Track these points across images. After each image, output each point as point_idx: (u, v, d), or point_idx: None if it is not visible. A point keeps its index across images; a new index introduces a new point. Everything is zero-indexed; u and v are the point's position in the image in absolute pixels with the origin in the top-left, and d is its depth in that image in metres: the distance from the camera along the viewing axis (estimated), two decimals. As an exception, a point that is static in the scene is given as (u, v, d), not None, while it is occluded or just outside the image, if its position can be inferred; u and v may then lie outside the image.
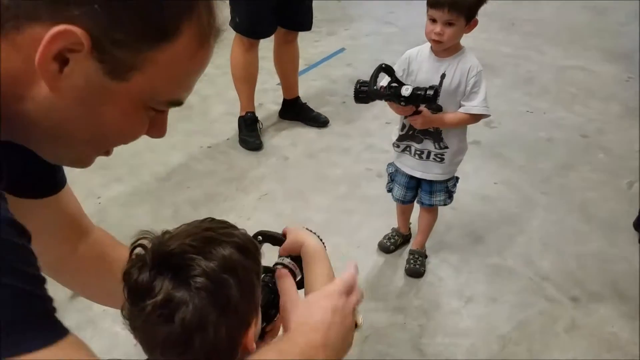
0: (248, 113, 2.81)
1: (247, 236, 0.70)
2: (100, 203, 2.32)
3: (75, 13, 0.49)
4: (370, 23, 4.54)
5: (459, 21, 1.58)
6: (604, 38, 4.35)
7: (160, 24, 0.53)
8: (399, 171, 1.91)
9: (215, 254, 0.63)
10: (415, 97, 1.55)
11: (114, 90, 0.55)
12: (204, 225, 0.68)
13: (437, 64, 1.68)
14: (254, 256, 0.68)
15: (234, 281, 0.62)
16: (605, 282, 2.01)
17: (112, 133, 0.61)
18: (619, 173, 2.65)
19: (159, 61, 0.55)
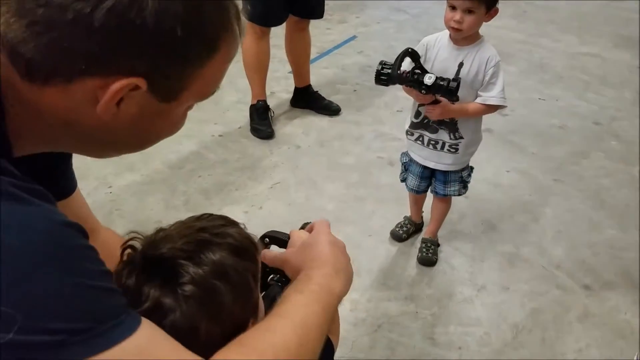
0: (260, 101, 2.81)
1: (244, 235, 0.68)
2: (112, 192, 2.33)
3: (130, 65, 0.53)
4: (381, 10, 4.51)
5: (479, 9, 1.56)
6: (617, 25, 4.29)
7: (204, 50, 0.57)
8: (412, 161, 1.90)
9: (205, 259, 0.61)
10: (438, 87, 1.54)
11: (165, 109, 0.59)
12: (197, 225, 0.66)
13: (456, 52, 1.66)
14: (251, 256, 0.67)
15: (226, 287, 0.61)
16: (618, 270, 2.01)
17: (161, 137, 0.66)
18: (632, 160, 2.64)
19: (203, 76, 0.59)
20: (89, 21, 0.49)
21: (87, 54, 0.51)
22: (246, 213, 2.24)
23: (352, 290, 2.02)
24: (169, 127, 0.65)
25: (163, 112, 0.60)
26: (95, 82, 0.52)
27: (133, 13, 0.50)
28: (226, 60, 0.61)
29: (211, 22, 0.56)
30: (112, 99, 0.53)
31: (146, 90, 0.55)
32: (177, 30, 0.53)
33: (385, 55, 1.64)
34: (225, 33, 0.58)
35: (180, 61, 0.56)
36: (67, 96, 0.54)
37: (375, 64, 1.64)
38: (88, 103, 0.54)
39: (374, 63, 3.75)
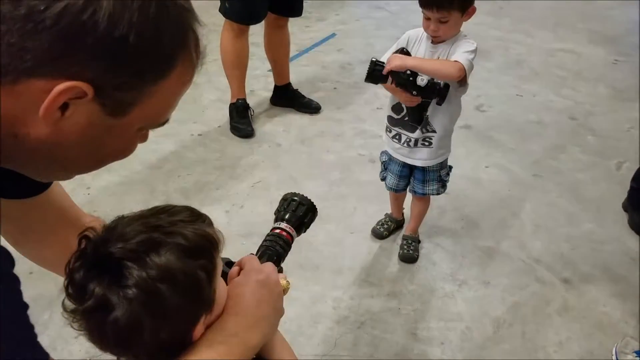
0: (239, 100, 2.79)
1: (200, 233, 0.66)
2: (90, 194, 2.29)
3: (77, 66, 0.51)
4: (360, 8, 4.51)
5: (452, 16, 1.56)
6: (592, 21, 4.37)
7: (157, 66, 0.56)
8: (392, 159, 1.90)
9: (151, 262, 0.61)
10: (430, 90, 1.56)
11: (114, 125, 0.58)
12: (152, 222, 0.65)
13: (432, 50, 1.67)
14: (205, 253, 0.66)
15: (171, 289, 0.61)
16: (596, 263, 2.04)
17: (110, 157, 0.65)
18: (607, 154, 2.68)
19: (156, 93, 0.58)
20: (40, 18, 0.48)
21: (35, 52, 0.50)
22: (227, 212, 2.22)
23: (335, 288, 2.03)
24: (118, 148, 0.63)
25: (112, 128, 0.58)
26: (40, 84, 0.51)
27: (86, 15, 0.49)
28: (180, 84, 0.61)
29: (167, 39, 0.56)
30: (54, 102, 0.52)
31: (93, 100, 0.54)
32: (129, 38, 0.52)
33: (365, 53, 1.64)
34: (181, 53, 0.58)
35: (130, 73, 0.55)
36: (15, 99, 0.52)
37: (355, 61, 1.65)
38: (34, 108, 0.52)
39: (353, 61, 3.77)
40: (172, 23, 0.56)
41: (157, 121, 0.63)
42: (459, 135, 2.75)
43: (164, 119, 0.64)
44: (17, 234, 0.86)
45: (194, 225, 0.67)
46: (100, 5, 0.50)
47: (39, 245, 0.90)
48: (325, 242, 2.09)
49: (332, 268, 1.99)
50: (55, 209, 0.88)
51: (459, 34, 1.66)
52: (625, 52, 3.83)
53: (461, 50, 1.60)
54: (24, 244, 0.89)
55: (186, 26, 0.58)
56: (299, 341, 1.69)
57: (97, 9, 0.50)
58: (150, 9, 0.53)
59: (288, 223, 0.91)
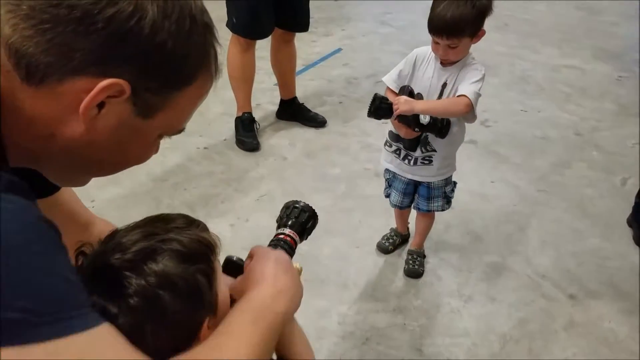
0: (245, 113, 2.81)
1: (194, 238, 0.68)
2: (95, 206, 2.30)
3: (118, 67, 0.57)
4: (366, 23, 4.55)
5: (462, 41, 1.55)
6: (597, 38, 4.38)
7: (184, 74, 0.62)
8: (396, 177, 1.89)
9: (149, 270, 0.62)
10: (432, 126, 1.58)
11: (141, 127, 0.63)
12: (148, 231, 0.67)
13: (441, 72, 1.65)
14: (202, 258, 0.67)
15: (171, 295, 0.62)
16: (602, 279, 2.03)
17: (132, 160, 0.69)
18: (613, 170, 2.68)
19: (179, 102, 0.64)
20: (92, 21, 0.54)
21: (84, 51, 0.55)
22: (232, 226, 2.23)
23: (340, 303, 2.02)
24: (139, 152, 0.68)
25: (138, 131, 0.63)
26: (84, 82, 0.56)
27: (133, 21, 0.55)
28: (200, 93, 0.67)
29: (195, 50, 0.62)
30: (96, 97, 0.56)
31: (127, 99, 0.59)
32: (167, 45, 0.58)
33: (371, 68, 1.65)
34: (205, 65, 0.64)
35: (162, 77, 0.60)
36: (56, 100, 0.57)
37: (361, 76, 1.67)
38: (73, 108, 0.57)
39: (359, 75, 3.79)
40: (200, 37, 0.62)
41: (175, 128, 0.68)
42: (464, 150, 2.76)
43: (181, 127, 0.69)
44: None
45: (189, 231, 0.69)
46: (145, 13, 0.56)
47: None
48: (331, 256, 2.09)
49: (337, 282, 1.98)
50: (65, 211, 0.89)
51: (468, 56, 1.65)
52: (629, 68, 3.84)
53: (468, 82, 1.58)
54: None
55: (210, 42, 0.64)
56: (304, 356, 1.68)
57: (143, 17, 0.56)
58: (185, 22, 0.59)
59: (291, 229, 0.92)
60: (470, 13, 1.51)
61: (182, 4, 0.59)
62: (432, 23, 1.55)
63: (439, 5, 1.53)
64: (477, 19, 1.53)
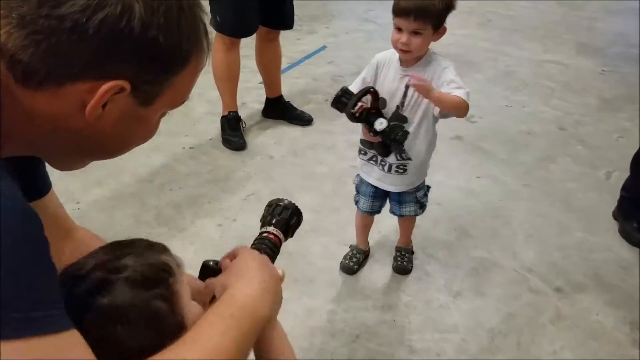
0: (231, 112, 2.79)
1: (148, 262, 0.66)
2: (80, 208, 2.27)
3: (117, 69, 0.59)
4: (350, 21, 4.55)
5: (426, 30, 1.51)
6: (578, 33, 4.44)
7: (179, 59, 0.64)
8: (363, 182, 1.84)
9: (99, 304, 0.61)
10: (386, 135, 1.53)
11: (143, 114, 0.66)
12: (101, 258, 0.65)
13: (403, 73, 1.60)
14: (159, 282, 0.65)
15: (125, 327, 0.61)
16: (588, 272, 2.05)
17: (136, 142, 0.71)
18: (597, 164, 2.71)
19: (177, 83, 0.66)
20: (83, 29, 0.55)
21: (81, 58, 0.56)
22: (220, 226, 2.21)
23: (329, 301, 2.02)
24: (144, 133, 0.71)
25: (141, 117, 0.66)
26: (84, 85, 0.58)
27: (123, 22, 0.56)
28: (196, 71, 0.68)
29: (186, 35, 0.63)
30: (100, 101, 0.59)
31: (129, 94, 0.61)
32: (159, 39, 0.59)
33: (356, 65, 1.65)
34: (196, 46, 0.65)
35: (160, 68, 0.62)
36: (57, 100, 0.59)
37: (346, 73, 1.66)
38: (75, 107, 0.59)
39: (344, 73, 3.79)
40: (189, 20, 0.63)
41: (177, 104, 0.70)
42: (450, 146, 2.79)
43: (181, 102, 0.71)
44: None
45: (146, 255, 0.66)
46: (133, 13, 0.57)
47: None
48: (320, 254, 2.08)
49: (326, 281, 1.98)
50: (49, 215, 0.87)
51: (428, 53, 1.61)
52: (611, 62, 3.89)
53: (453, 85, 1.53)
54: None
55: (199, 20, 0.65)
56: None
57: (132, 16, 0.57)
58: (173, 11, 0.60)
59: (275, 227, 0.91)
60: (439, 1, 1.49)
61: None
62: (400, 4, 1.51)
63: None
64: (443, 9, 1.51)
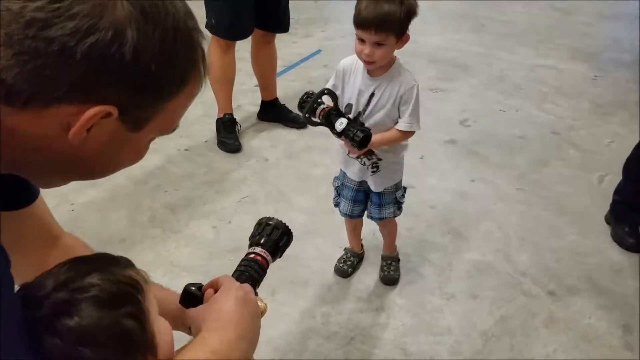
0: (226, 115, 2.79)
1: (118, 279, 0.63)
2: (75, 210, 2.27)
3: (104, 91, 0.56)
4: (346, 24, 4.50)
5: (388, 40, 1.49)
6: (571, 38, 4.47)
7: (173, 85, 0.62)
8: (344, 185, 1.84)
9: (63, 327, 0.57)
10: (345, 135, 1.52)
11: (132, 138, 0.63)
12: (64, 277, 0.61)
13: (368, 82, 1.60)
14: (129, 298, 0.62)
15: (92, 349, 0.57)
16: (581, 275, 2.07)
17: (124, 164, 0.69)
18: (590, 168, 2.73)
19: (169, 109, 0.63)
20: (71, 53, 0.53)
21: (67, 82, 0.54)
22: (215, 228, 2.21)
23: (324, 303, 2.03)
24: (132, 156, 0.68)
25: (129, 141, 0.63)
26: (70, 108, 0.56)
27: (113, 48, 0.54)
28: (190, 96, 0.66)
29: (182, 61, 0.61)
30: (84, 125, 0.56)
31: (117, 119, 0.58)
32: (151, 67, 0.57)
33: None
34: (192, 71, 0.63)
35: (151, 94, 0.60)
36: (42, 121, 0.56)
37: (342, 77, 1.65)
38: (60, 128, 0.57)
39: (339, 76, 3.74)
40: (186, 46, 0.61)
41: (168, 130, 0.68)
42: (444, 150, 2.80)
43: (172, 128, 0.69)
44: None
45: (108, 272, 0.63)
46: (125, 39, 0.54)
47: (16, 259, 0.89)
48: (314, 256, 2.08)
49: (320, 283, 1.98)
50: (37, 225, 0.87)
51: (395, 64, 1.60)
52: (604, 67, 3.92)
53: (406, 116, 1.58)
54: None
55: (196, 45, 0.63)
56: (289, 357, 1.68)
57: (123, 43, 0.54)
58: (168, 38, 0.58)
59: (263, 247, 0.89)
60: (399, 9, 1.47)
61: (164, 17, 0.57)
62: (360, 16, 1.48)
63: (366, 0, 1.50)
64: (404, 18, 1.49)
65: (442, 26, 4.62)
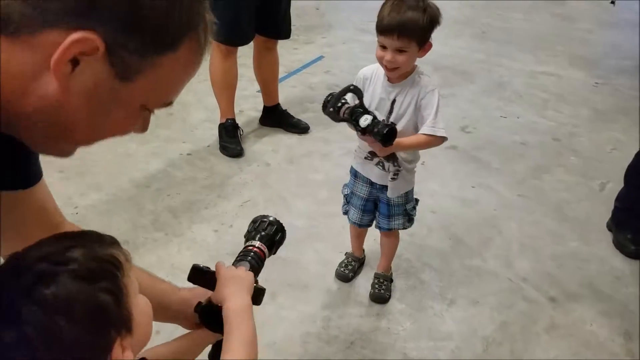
0: (228, 120, 2.80)
1: (94, 255, 0.64)
2: (78, 212, 2.27)
3: (93, 22, 0.55)
4: (347, 31, 4.58)
5: (410, 47, 1.49)
6: (572, 44, 4.49)
7: (168, 36, 0.60)
8: (354, 193, 1.84)
9: (41, 296, 0.58)
10: (370, 131, 1.49)
11: (119, 91, 0.60)
12: (45, 251, 0.63)
13: (389, 89, 1.60)
14: (107, 274, 0.64)
15: (68, 319, 0.59)
16: (582, 282, 2.07)
17: (110, 129, 0.66)
18: (591, 175, 2.73)
19: (161, 67, 0.61)
20: None
21: (59, 5, 0.54)
22: (216, 232, 2.22)
23: (324, 308, 2.02)
24: (119, 120, 0.65)
25: (117, 95, 0.61)
26: (56, 35, 0.54)
27: None
28: (185, 64, 0.64)
29: (178, 14, 0.59)
30: (66, 51, 0.55)
31: (104, 58, 0.57)
32: (147, 7, 0.56)
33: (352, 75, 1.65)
34: (191, 32, 0.62)
35: (141, 37, 0.58)
36: (30, 53, 0.55)
37: (342, 83, 1.65)
38: (46, 63, 0.55)
39: (341, 82, 3.81)
40: (185, 2, 0.60)
41: (159, 99, 0.66)
42: (445, 156, 2.81)
43: (166, 99, 0.67)
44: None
45: (90, 248, 0.65)
46: None
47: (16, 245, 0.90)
48: (314, 261, 2.09)
49: (320, 287, 1.99)
50: (36, 208, 0.87)
51: (416, 71, 1.59)
52: (604, 75, 3.94)
53: (429, 120, 1.55)
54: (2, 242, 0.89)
55: (197, 9, 0.62)
56: (289, 361, 1.68)
57: None
58: None
59: (260, 241, 0.94)
60: (422, 17, 1.47)
61: None
62: (383, 22, 1.48)
63: (389, 6, 1.49)
64: (427, 25, 1.49)
65: (443, 33, 4.60)
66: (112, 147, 2.75)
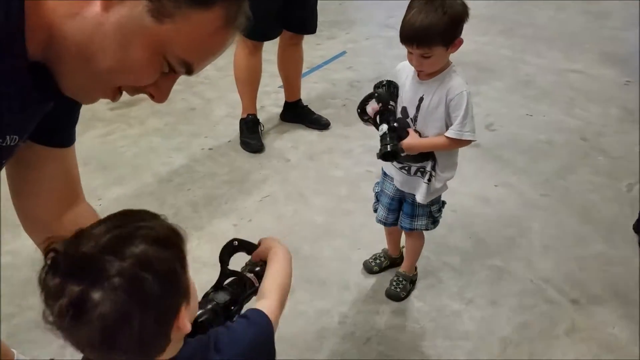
0: (249, 115, 2.82)
1: (166, 226, 0.70)
2: (102, 205, 2.32)
3: None
4: (370, 27, 4.56)
5: (434, 51, 1.47)
6: (602, 42, 4.37)
7: None
8: (383, 191, 1.83)
9: (128, 252, 0.63)
10: (380, 140, 1.54)
11: (148, 28, 0.66)
12: (116, 222, 0.68)
13: (418, 85, 1.59)
14: (175, 244, 0.69)
15: (153, 277, 0.63)
16: (605, 285, 2.02)
17: (130, 69, 0.70)
18: (618, 176, 2.67)
19: (189, 21, 0.66)
20: None
21: None
22: (235, 226, 2.24)
23: (341, 303, 2.03)
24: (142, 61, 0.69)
25: (145, 30, 0.66)
26: None
27: None
28: (213, 32, 0.69)
29: None
30: None
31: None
32: None
33: (374, 71, 1.65)
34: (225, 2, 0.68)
35: None
36: None
37: (364, 79, 1.67)
38: None
39: (363, 78, 3.80)
40: None
41: (180, 52, 0.69)
42: (468, 154, 2.76)
43: (186, 57, 0.70)
44: (24, 183, 0.92)
45: (156, 220, 0.70)
46: None
47: (36, 201, 0.95)
48: (332, 257, 2.09)
49: (338, 283, 1.99)
50: (65, 171, 0.93)
51: (449, 68, 1.57)
52: (635, 73, 3.82)
53: (457, 123, 1.53)
54: (24, 196, 0.94)
55: None
56: (305, 356, 1.69)
57: None
58: None
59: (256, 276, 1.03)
60: (441, 20, 1.43)
61: None
62: (403, 31, 1.48)
63: (409, 13, 1.47)
64: (449, 27, 1.45)
65: (469, 28, 4.56)
66: (136, 142, 2.80)
